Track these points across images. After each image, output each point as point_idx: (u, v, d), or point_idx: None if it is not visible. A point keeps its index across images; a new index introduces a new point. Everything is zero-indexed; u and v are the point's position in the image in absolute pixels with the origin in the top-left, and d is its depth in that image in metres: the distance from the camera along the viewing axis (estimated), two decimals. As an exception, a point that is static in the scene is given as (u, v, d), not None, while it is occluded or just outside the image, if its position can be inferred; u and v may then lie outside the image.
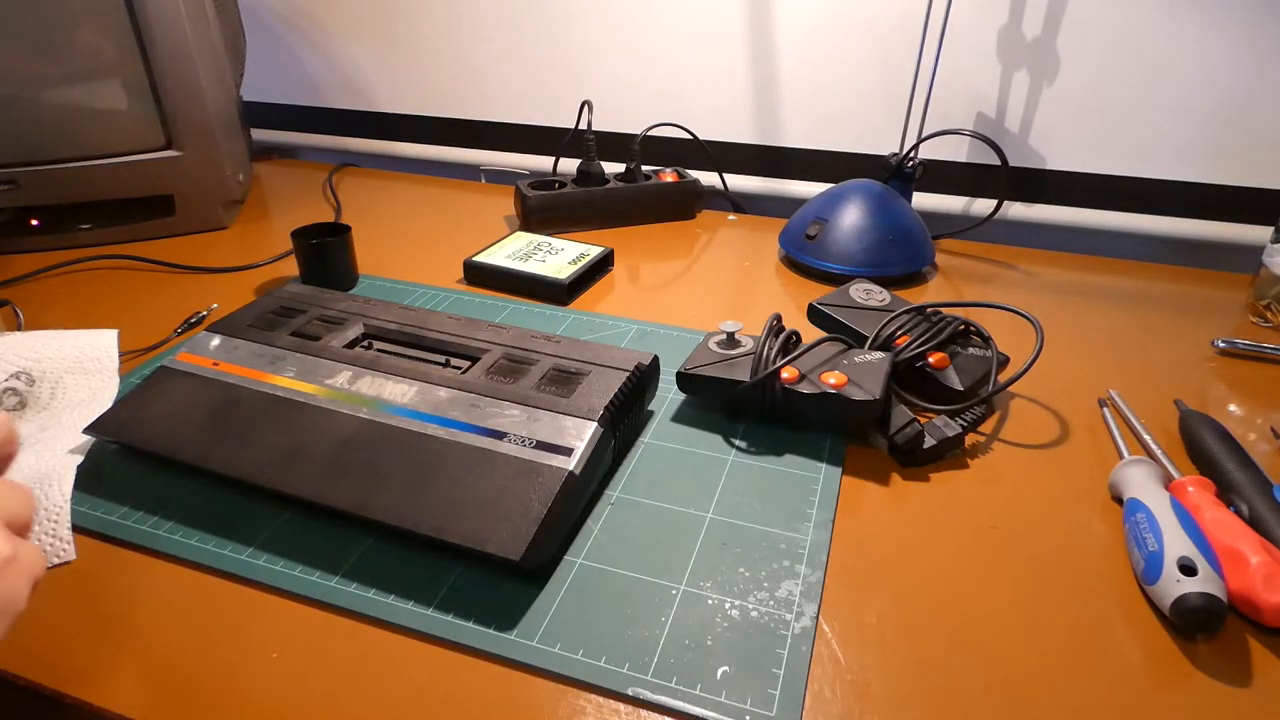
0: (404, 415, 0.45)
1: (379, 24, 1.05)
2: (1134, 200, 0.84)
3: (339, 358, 0.50)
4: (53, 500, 0.42)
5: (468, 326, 0.53)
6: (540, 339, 0.52)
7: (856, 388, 0.48)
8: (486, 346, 0.51)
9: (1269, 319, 0.68)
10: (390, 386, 0.47)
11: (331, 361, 0.50)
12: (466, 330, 0.53)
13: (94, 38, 0.75)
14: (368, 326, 0.54)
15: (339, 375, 0.48)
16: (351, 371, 0.49)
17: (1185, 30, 0.76)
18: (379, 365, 0.49)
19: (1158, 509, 0.41)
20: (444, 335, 0.52)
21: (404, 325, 0.53)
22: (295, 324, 0.54)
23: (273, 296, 0.57)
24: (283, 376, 0.48)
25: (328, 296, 0.57)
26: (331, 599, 0.38)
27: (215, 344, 0.52)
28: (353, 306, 0.56)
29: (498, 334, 0.52)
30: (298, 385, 0.48)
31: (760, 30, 0.90)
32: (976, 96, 0.85)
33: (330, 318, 0.54)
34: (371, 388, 0.47)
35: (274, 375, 0.49)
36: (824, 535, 0.43)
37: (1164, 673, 0.36)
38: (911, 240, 0.76)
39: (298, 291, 0.58)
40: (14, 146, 0.76)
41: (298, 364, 0.49)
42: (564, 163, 0.99)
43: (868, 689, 0.35)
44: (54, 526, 0.41)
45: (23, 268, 0.75)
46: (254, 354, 0.50)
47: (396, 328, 0.53)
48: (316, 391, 0.47)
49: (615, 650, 0.36)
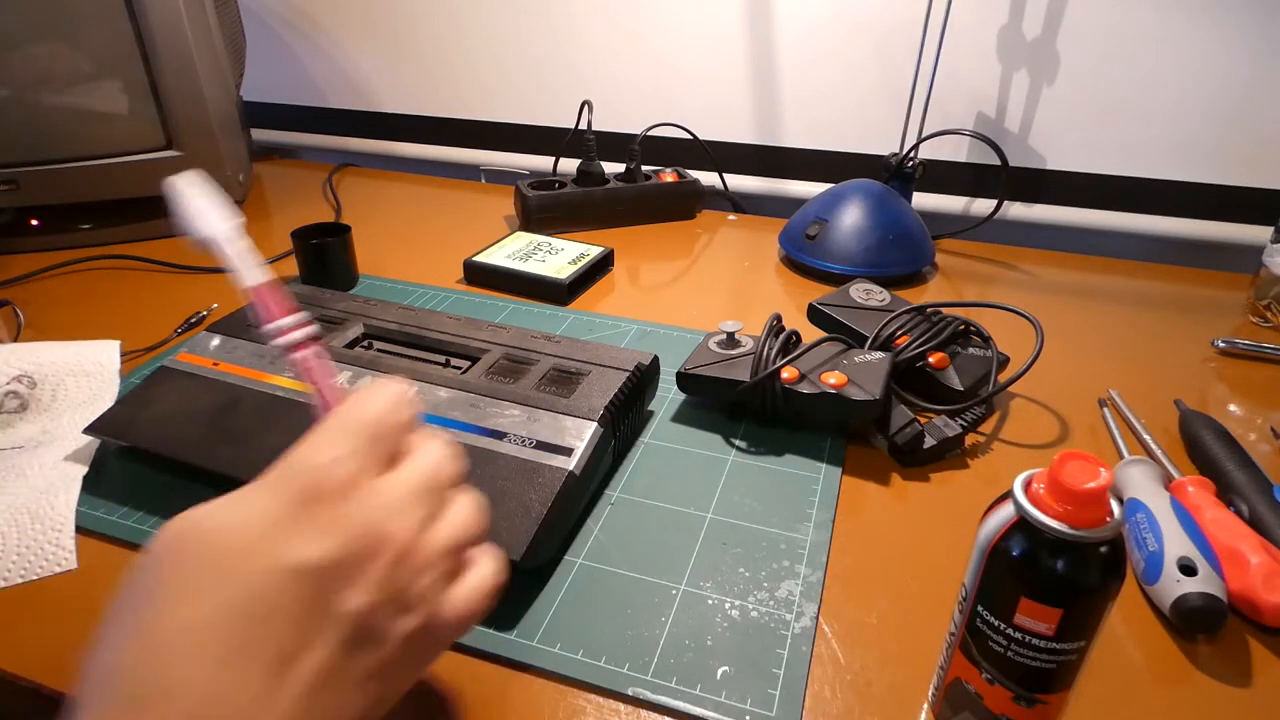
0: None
1: (379, 24, 1.05)
2: (1135, 200, 0.84)
3: (339, 358, 0.50)
4: (58, 510, 0.42)
5: (468, 326, 0.53)
6: (540, 339, 0.52)
7: (856, 388, 0.48)
8: (486, 346, 0.51)
9: (1269, 319, 0.68)
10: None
11: (332, 362, 0.50)
12: (467, 330, 0.53)
13: (94, 38, 0.75)
14: (368, 327, 0.54)
15: (338, 375, 0.48)
16: (351, 372, 0.49)
17: (1185, 30, 0.76)
18: (379, 365, 0.49)
19: (1158, 509, 0.41)
20: (444, 335, 0.52)
21: (404, 325, 0.53)
22: None
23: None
24: (282, 376, 0.48)
25: (328, 296, 0.57)
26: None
27: (215, 344, 0.52)
28: (353, 306, 0.56)
29: (498, 334, 0.52)
30: (297, 385, 0.48)
31: (760, 30, 0.90)
32: (976, 96, 0.85)
33: (330, 318, 0.54)
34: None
35: (273, 375, 0.49)
36: (824, 535, 0.43)
37: (1164, 673, 0.36)
38: (911, 240, 0.76)
39: (297, 292, 0.58)
40: (14, 146, 0.76)
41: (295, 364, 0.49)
42: (564, 163, 0.99)
43: (868, 689, 0.35)
44: (57, 536, 0.41)
45: (23, 268, 0.75)
46: (254, 354, 0.50)
47: (397, 328, 0.53)
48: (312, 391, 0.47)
49: (615, 650, 0.36)
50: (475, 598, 0.26)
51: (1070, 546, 0.26)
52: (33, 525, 0.41)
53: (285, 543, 0.21)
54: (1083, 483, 0.26)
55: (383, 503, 0.23)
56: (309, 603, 0.21)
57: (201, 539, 0.22)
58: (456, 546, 0.26)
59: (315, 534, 0.22)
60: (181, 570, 0.21)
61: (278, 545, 0.21)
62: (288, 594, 0.21)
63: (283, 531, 0.22)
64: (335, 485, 0.23)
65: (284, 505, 0.22)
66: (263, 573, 0.21)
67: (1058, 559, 0.26)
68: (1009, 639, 0.28)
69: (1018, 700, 0.29)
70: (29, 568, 0.39)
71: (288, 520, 0.22)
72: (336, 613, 0.22)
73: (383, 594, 0.23)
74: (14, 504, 0.42)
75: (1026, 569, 0.27)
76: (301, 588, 0.21)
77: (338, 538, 0.22)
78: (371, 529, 0.23)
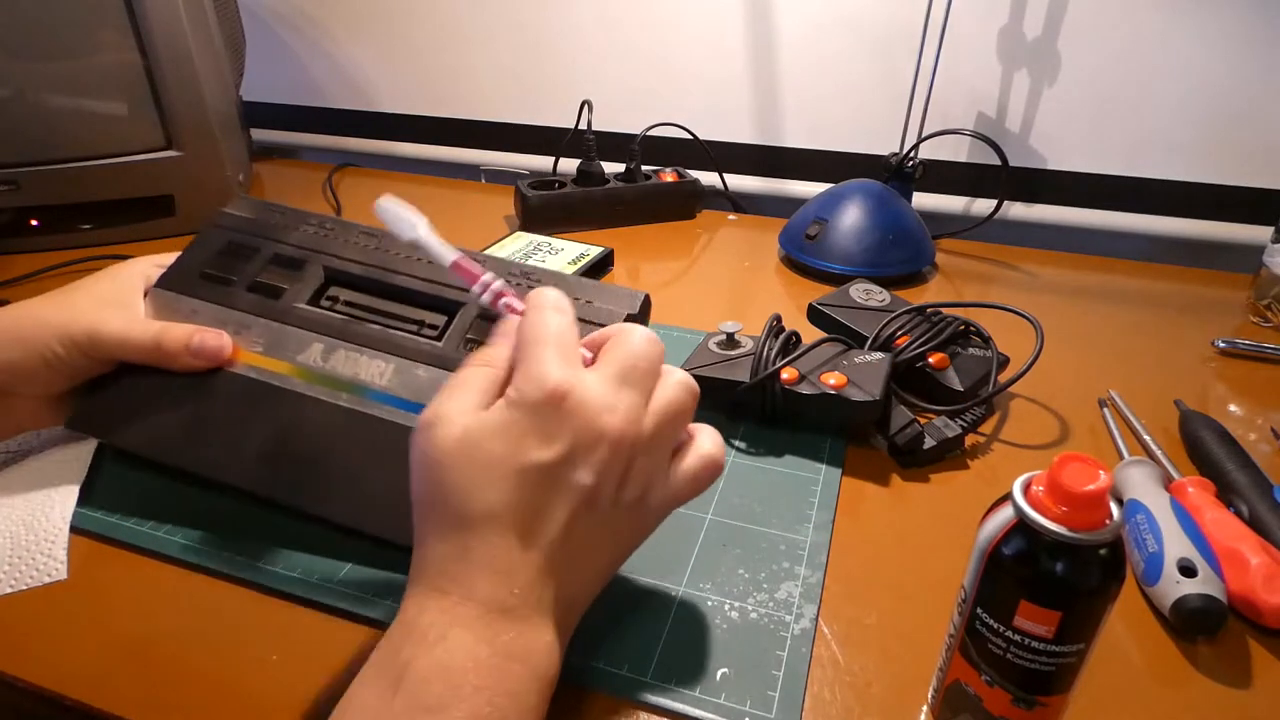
0: (387, 403, 0.43)
1: (379, 24, 1.05)
2: (1134, 200, 0.84)
3: (307, 324, 0.46)
4: (52, 522, 0.42)
5: (438, 270, 0.47)
6: (519, 276, 0.47)
7: (856, 388, 0.48)
8: (464, 298, 0.47)
9: (1269, 319, 0.68)
10: (366, 363, 0.45)
11: (300, 330, 0.46)
12: (438, 275, 0.48)
13: (94, 38, 0.75)
14: (328, 270, 0.49)
15: (310, 349, 0.45)
16: (323, 344, 0.45)
17: (1186, 30, 0.76)
18: (350, 334, 0.46)
19: (1158, 510, 0.41)
20: (414, 280, 0.48)
21: (369, 266, 0.49)
22: (251, 270, 0.48)
23: (219, 232, 0.51)
24: (252, 352, 0.46)
25: (276, 219, 0.51)
26: (332, 601, 0.38)
27: (181, 307, 0.48)
28: (308, 239, 0.50)
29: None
30: (270, 364, 0.45)
31: (760, 30, 0.89)
32: (976, 96, 0.85)
33: (286, 257, 0.49)
34: (346, 366, 0.45)
35: (242, 349, 0.46)
36: (824, 536, 0.43)
37: (1164, 674, 0.36)
38: (911, 240, 0.76)
39: (243, 218, 0.52)
40: (14, 146, 0.76)
41: (264, 332, 0.46)
42: (564, 163, 0.99)
43: (867, 690, 0.35)
44: (50, 547, 0.41)
45: (23, 268, 0.75)
46: (217, 319, 0.47)
47: (361, 271, 0.48)
48: (290, 372, 0.45)
49: (614, 651, 0.36)
50: (692, 471, 0.33)
51: (1069, 549, 0.26)
52: (27, 535, 0.41)
53: (530, 449, 0.29)
54: (1082, 485, 0.26)
55: (593, 402, 0.30)
56: (551, 484, 0.30)
57: (474, 448, 0.30)
58: (667, 422, 0.32)
59: (547, 439, 0.29)
60: (472, 477, 0.29)
61: (525, 451, 0.29)
62: (534, 482, 0.29)
63: (527, 440, 0.29)
64: (555, 395, 0.29)
65: (523, 419, 0.30)
66: (519, 471, 0.29)
67: (1057, 561, 0.26)
68: (1008, 641, 0.28)
69: (1017, 702, 0.29)
70: (19, 578, 0.40)
71: (529, 430, 0.29)
72: (570, 488, 0.30)
73: (605, 472, 0.30)
74: (10, 515, 0.42)
75: (1026, 571, 0.27)
76: (544, 476, 0.29)
77: (564, 439, 0.29)
78: (588, 425, 0.30)
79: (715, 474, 0.34)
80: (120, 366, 0.45)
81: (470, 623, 0.28)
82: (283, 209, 0.52)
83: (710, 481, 0.34)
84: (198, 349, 0.44)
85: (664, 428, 0.32)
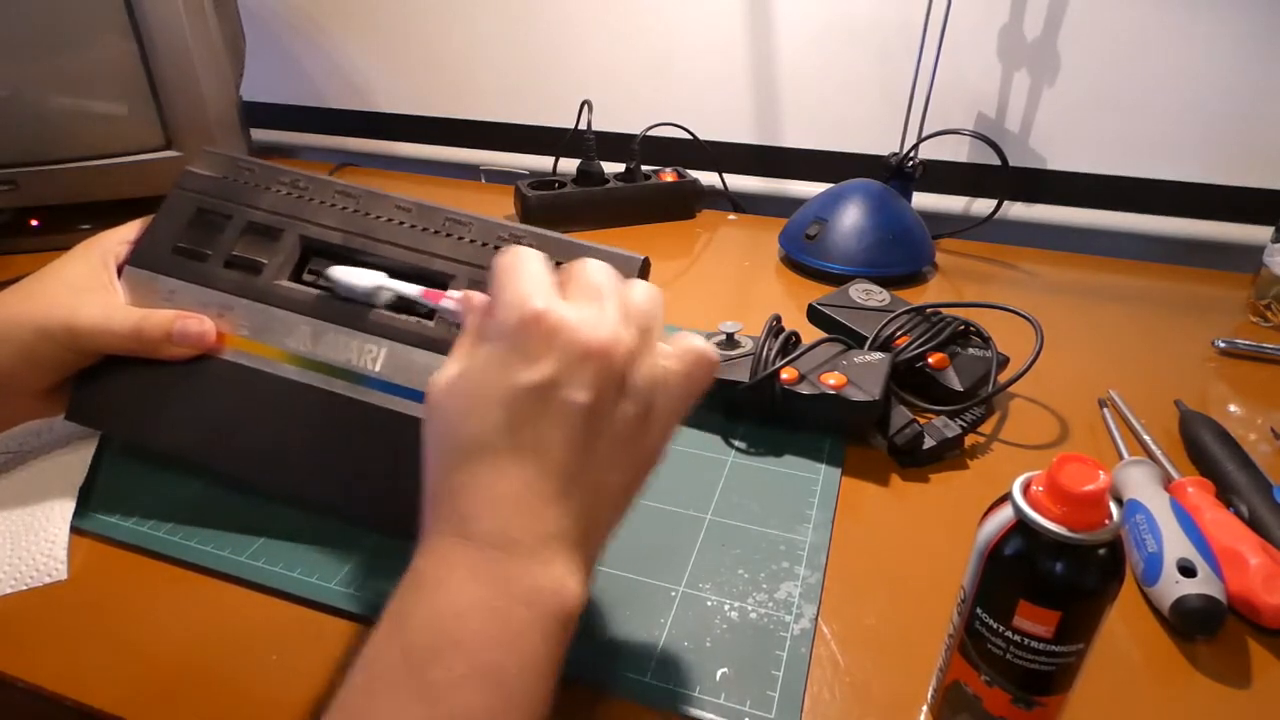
0: (382, 391, 0.42)
1: (378, 24, 1.05)
2: (1134, 200, 0.84)
3: (291, 304, 0.44)
4: (53, 522, 0.42)
5: (421, 237, 0.45)
6: (509, 237, 0.45)
7: (856, 388, 0.48)
8: (451, 269, 0.45)
9: (1269, 319, 0.68)
10: (357, 347, 0.43)
11: (285, 311, 0.44)
12: (422, 243, 0.45)
13: (93, 38, 0.75)
14: (305, 239, 0.46)
15: (298, 332, 0.44)
16: (311, 327, 0.44)
17: (1186, 30, 0.76)
18: (337, 315, 0.44)
19: (1157, 510, 0.41)
20: (397, 249, 0.45)
21: (349, 234, 0.46)
22: (225, 242, 0.46)
23: (187, 196, 0.49)
24: (238, 335, 0.44)
25: (246, 178, 0.48)
26: (332, 601, 0.38)
27: (160, 288, 0.46)
28: (282, 202, 0.47)
29: (458, 245, 0.45)
30: (258, 350, 0.44)
31: (760, 30, 0.89)
32: (976, 96, 0.85)
33: (260, 225, 0.47)
34: (337, 350, 0.43)
35: (229, 334, 0.44)
36: (823, 536, 0.43)
37: (1164, 674, 0.36)
38: (911, 240, 0.76)
39: (211, 179, 0.49)
40: (14, 146, 0.76)
41: (248, 314, 0.44)
42: (564, 163, 0.99)
43: (867, 690, 0.35)
44: (50, 547, 0.41)
45: (23, 268, 0.74)
46: (197, 300, 0.45)
47: (341, 240, 0.46)
48: (280, 358, 0.43)
49: (614, 652, 0.36)
50: (684, 369, 0.33)
51: (1069, 549, 0.26)
52: (27, 536, 0.41)
53: (515, 373, 0.29)
54: (1081, 485, 0.26)
55: (572, 318, 0.29)
56: (544, 406, 0.29)
57: (463, 386, 0.30)
58: (647, 327, 0.32)
59: (531, 360, 0.29)
60: (460, 409, 0.29)
61: (510, 375, 0.29)
62: (527, 404, 0.29)
63: (511, 366, 0.29)
64: (533, 317, 0.29)
65: (505, 347, 0.29)
66: (509, 395, 0.29)
67: (1056, 562, 0.26)
68: (1008, 641, 0.28)
69: (1017, 702, 0.29)
70: (19, 578, 0.40)
71: (512, 357, 0.29)
72: (566, 409, 0.29)
73: (601, 386, 0.29)
74: (10, 515, 0.43)
75: (1025, 571, 0.27)
76: (535, 399, 0.29)
77: (550, 359, 0.29)
78: (572, 341, 0.29)
79: (707, 365, 0.33)
80: (111, 356, 0.44)
81: (470, 564, 0.28)
82: (251, 164, 0.49)
83: (706, 375, 0.33)
84: (180, 336, 0.43)
85: (647, 334, 0.32)
